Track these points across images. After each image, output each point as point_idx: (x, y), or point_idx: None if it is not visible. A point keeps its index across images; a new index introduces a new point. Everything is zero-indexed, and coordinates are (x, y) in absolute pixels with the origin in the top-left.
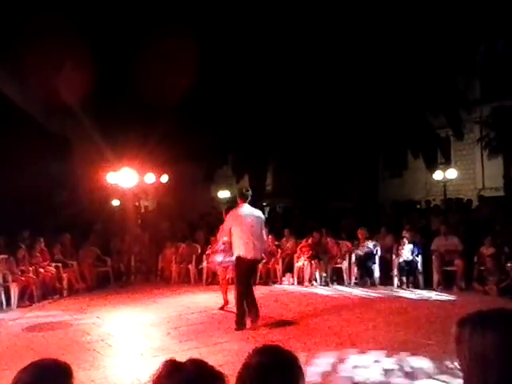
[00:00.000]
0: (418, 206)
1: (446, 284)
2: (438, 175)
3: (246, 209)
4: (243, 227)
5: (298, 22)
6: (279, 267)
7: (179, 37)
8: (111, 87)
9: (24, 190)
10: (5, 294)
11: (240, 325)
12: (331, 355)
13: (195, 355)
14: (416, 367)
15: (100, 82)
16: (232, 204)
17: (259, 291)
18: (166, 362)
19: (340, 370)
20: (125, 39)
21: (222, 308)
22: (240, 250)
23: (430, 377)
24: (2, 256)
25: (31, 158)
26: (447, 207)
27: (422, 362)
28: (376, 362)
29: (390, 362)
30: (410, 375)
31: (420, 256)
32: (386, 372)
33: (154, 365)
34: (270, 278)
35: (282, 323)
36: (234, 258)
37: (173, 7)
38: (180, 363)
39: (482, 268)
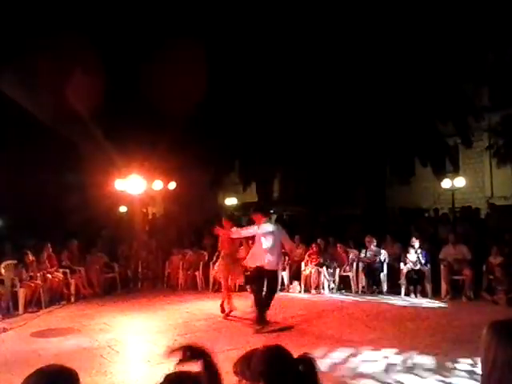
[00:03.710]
0: (426, 214)
1: (455, 293)
2: (446, 183)
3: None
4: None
5: (306, 31)
6: (287, 275)
7: (188, 46)
8: (120, 94)
9: (32, 196)
10: (12, 299)
11: (261, 321)
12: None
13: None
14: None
15: (109, 89)
16: (233, 212)
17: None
18: None
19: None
20: (135, 48)
21: (227, 314)
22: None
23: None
24: (10, 261)
25: (40, 164)
26: (460, 215)
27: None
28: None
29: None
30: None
31: (428, 265)
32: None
33: (161, 372)
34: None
35: (289, 331)
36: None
37: (183, 19)
38: None
39: (491, 277)
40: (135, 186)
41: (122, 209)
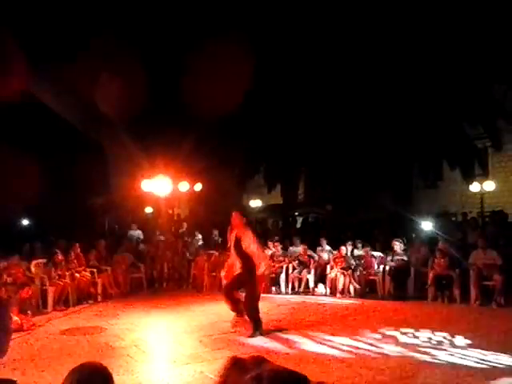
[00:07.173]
0: (454, 219)
1: (484, 299)
2: (474, 187)
3: None
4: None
5: (334, 35)
6: (312, 277)
7: (218, 49)
8: (147, 96)
9: (61, 196)
10: (42, 297)
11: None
12: None
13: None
14: None
15: (136, 91)
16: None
17: (292, 301)
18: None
19: None
20: (164, 49)
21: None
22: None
23: None
24: (40, 260)
25: (69, 166)
26: (490, 219)
27: None
28: None
29: None
30: None
31: (457, 270)
32: None
33: (186, 372)
34: (301, 288)
35: (314, 333)
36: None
37: (215, 20)
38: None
39: None
40: (162, 187)
41: (148, 209)
